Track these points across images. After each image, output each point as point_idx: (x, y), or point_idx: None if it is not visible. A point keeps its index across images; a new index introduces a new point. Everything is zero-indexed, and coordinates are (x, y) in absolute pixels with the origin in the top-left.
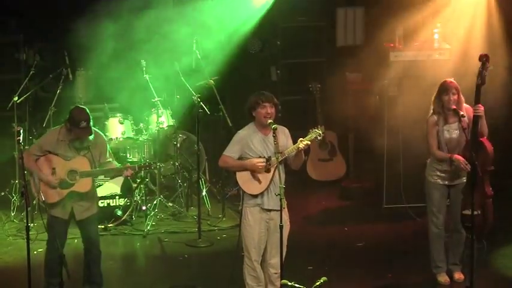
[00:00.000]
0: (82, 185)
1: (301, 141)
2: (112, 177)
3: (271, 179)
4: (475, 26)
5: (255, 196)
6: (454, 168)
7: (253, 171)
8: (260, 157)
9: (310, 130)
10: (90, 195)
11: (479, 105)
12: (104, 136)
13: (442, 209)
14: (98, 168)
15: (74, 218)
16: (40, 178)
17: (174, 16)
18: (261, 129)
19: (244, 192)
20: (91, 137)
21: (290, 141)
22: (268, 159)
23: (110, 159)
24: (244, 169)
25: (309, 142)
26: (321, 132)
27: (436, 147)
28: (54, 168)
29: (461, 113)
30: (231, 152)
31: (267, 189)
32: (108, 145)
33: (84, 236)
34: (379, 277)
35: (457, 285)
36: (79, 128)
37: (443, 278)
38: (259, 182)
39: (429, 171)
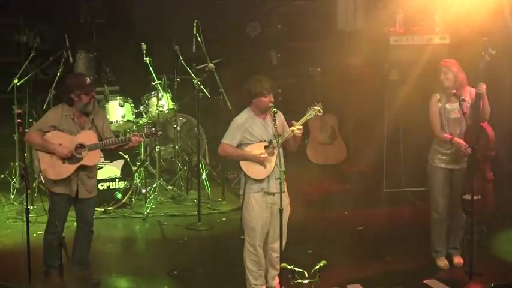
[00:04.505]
0: (90, 159)
1: (295, 125)
2: (118, 150)
3: (276, 162)
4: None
5: (260, 181)
6: (455, 152)
7: (255, 162)
8: (261, 141)
9: (309, 108)
10: (95, 175)
11: (482, 83)
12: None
13: (444, 194)
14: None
15: (77, 196)
16: (52, 150)
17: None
18: (258, 114)
19: (248, 177)
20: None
21: (286, 123)
22: (270, 142)
23: (112, 136)
24: (245, 159)
25: (301, 127)
26: (320, 108)
27: (440, 127)
28: (60, 144)
29: (462, 97)
30: (231, 139)
31: (271, 172)
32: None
33: (82, 217)
34: (378, 261)
35: (456, 270)
36: (87, 84)
37: (442, 263)
38: (264, 166)
39: (432, 155)
